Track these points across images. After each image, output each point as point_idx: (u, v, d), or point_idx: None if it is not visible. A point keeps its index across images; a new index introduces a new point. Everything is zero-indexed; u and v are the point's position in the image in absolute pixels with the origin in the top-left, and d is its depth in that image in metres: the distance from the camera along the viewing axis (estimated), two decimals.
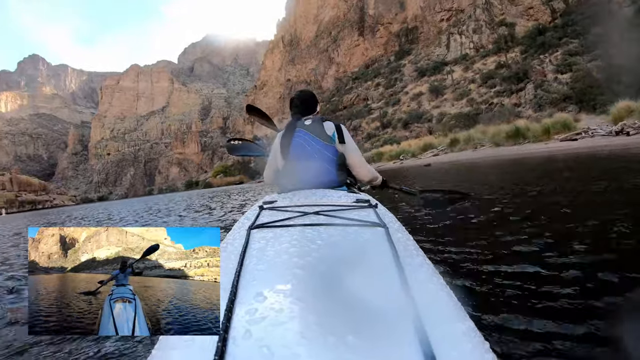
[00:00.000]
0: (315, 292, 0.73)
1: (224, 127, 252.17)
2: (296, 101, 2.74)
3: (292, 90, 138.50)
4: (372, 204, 1.50)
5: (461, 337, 0.62)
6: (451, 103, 52.12)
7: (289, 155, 2.40)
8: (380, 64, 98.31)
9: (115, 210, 19.13)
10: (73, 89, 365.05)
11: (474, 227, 4.42)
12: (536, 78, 40.59)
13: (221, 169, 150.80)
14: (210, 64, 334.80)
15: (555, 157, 14.02)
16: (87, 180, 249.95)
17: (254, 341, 0.57)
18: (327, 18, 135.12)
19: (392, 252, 0.91)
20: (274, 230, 1.16)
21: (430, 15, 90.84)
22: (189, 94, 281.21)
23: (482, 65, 59.25)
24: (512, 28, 64.24)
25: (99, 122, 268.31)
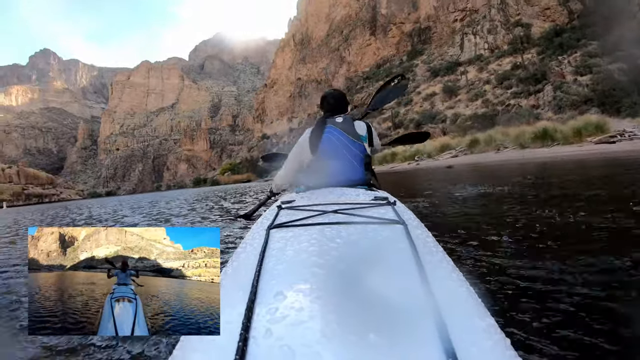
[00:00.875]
0: (335, 290, 0.73)
1: (234, 124, 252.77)
2: (329, 99, 2.76)
3: (303, 89, 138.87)
4: (390, 201, 1.50)
5: (482, 334, 0.61)
6: (465, 104, 51.41)
7: (318, 151, 2.39)
8: (392, 64, 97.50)
9: (127, 209, 17.88)
10: (84, 83, 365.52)
11: (496, 224, 4.21)
12: (555, 79, 39.63)
13: (229, 167, 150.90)
14: (220, 61, 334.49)
15: (593, 161, 12.99)
16: (95, 174, 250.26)
17: (275, 340, 0.57)
18: (338, 17, 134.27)
19: (412, 250, 0.91)
20: (293, 230, 1.16)
21: (443, 15, 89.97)
22: (199, 91, 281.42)
23: (497, 66, 58.51)
24: (528, 29, 63.50)
25: (109, 117, 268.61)
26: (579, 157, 15.41)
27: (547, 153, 19.06)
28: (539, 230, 3.69)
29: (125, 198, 41.00)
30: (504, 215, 4.63)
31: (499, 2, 72.02)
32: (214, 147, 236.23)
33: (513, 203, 5.48)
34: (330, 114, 2.65)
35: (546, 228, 3.74)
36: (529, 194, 6.71)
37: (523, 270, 2.55)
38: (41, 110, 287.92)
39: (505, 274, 2.54)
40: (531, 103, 38.71)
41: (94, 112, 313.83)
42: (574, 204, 4.79)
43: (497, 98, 46.54)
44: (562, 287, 2.18)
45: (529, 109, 36.53)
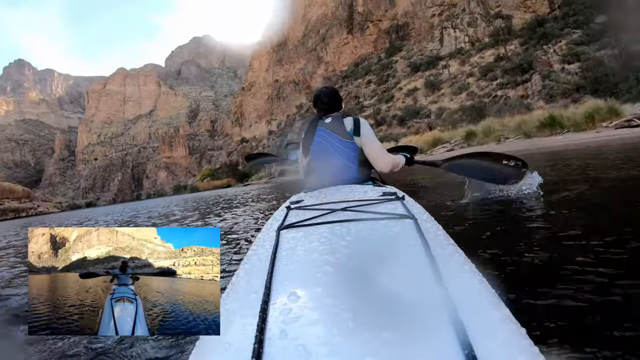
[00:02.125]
0: (348, 288, 0.73)
1: (212, 129, 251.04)
2: (323, 98, 2.76)
3: (280, 91, 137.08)
4: (399, 196, 1.51)
5: (497, 325, 0.61)
6: (450, 97, 50.23)
7: (310, 154, 2.51)
8: (370, 62, 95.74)
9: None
10: (60, 93, 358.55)
11: (510, 216, 4.05)
12: (542, 69, 38.73)
13: (208, 173, 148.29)
14: (197, 66, 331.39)
15: (622, 145, 11.49)
16: (74, 186, 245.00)
17: (290, 341, 0.57)
18: (314, 17, 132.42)
19: (423, 244, 0.90)
20: (303, 230, 1.17)
21: (421, 10, 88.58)
22: (177, 97, 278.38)
23: (479, 58, 57.41)
24: (508, 20, 62.39)
25: (86, 126, 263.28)
26: (600, 142, 13.77)
27: (560, 141, 17.15)
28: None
29: (101, 210, 39.56)
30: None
31: None
32: (193, 153, 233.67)
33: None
34: (324, 112, 2.69)
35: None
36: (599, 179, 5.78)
37: (538, 260, 2.49)
38: (17, 122, 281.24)
39: (518, 264, 2.47)
40: (519, 93, 37.79)
41: (71, 122, 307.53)
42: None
43: (483, 90, 45.57)
44: (582, 276, 2.08)
45: (517, 99, 35.57)
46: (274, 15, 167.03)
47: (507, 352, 0.56)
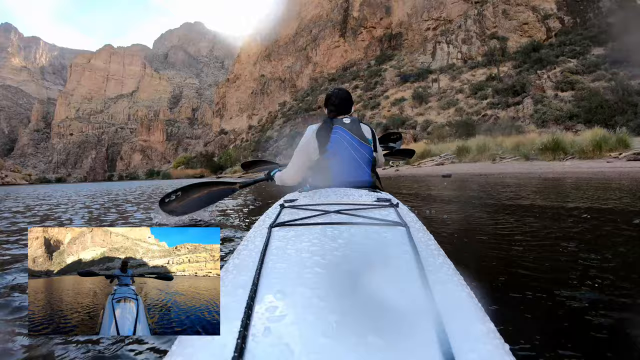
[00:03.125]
0: (336, 291, 0.73)
1: (193, 118, 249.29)
2: (334, 99, 2.71)
3: (265, 87, 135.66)
4: (393, 203, 1.53)
5: (481, 339, 0.61)
6: (437, 111, 49.29)
7: (327, 151, 2.44)
8: (359, 67, 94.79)
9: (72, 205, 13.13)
10: (43, 63, 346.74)
11: (501, 231, 4.17)
12: (535, 93, 38.14)
13: (183, 160, 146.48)
14: (185, 52, 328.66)
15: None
16: (47, 159, 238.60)
17: (274, 338, 0.57)
18: (309, 16, 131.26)
19: (413, 252, 0.91)
20: (295, 229, 1.18)
21: (416, 22, 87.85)
22: (160, 81, 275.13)
23: (470, 76, 56.94)
24: (504, 42, 62.31)
25: (65, 100, 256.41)
26: (618, 172, 12.55)
27: (565, 167, 15.68)
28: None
29: (69, 187, 37.79)
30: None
31: (475, 14, 70.46)
32: (170, 139, 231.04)
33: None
34: (335, 114, 2.66)
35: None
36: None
37: (525, 276, 2.56)
38: None
39: (506, 279, 2.56)
40: (510, 115, 36.83)
41: (51, 93, 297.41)
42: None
43: (472, 108, 44.77)
44: (567, 293, 2.18)
45: (508, 120, 34.81)
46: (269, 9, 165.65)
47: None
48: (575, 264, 2.84)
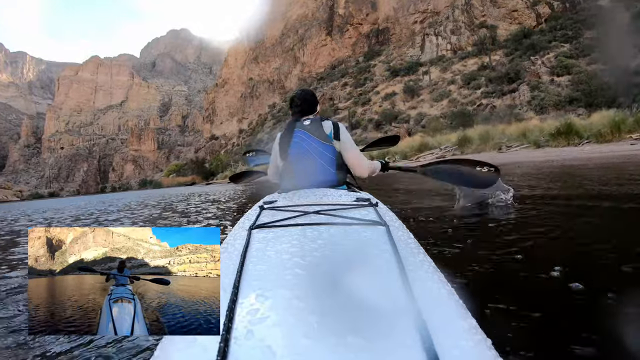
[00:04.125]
0: (317, 291, 0.73)
1: (183, 125, 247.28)
2: (297, 100, 2.75)
3: (254, 90, 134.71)
4: (372, 202, 1.53)
5: (463, 335, 0.61)
6: (429, 104, 48.38)
7: (288, 156, 2.49)
8: (347, 65, 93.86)
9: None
10: (30, 78, 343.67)
11: (484, 227, 4.07)
12: (530, 79, 37.32)
13: (174, 168, 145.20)
14: (172, 60, 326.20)
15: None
16: (38, 174, 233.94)
17: (256, 341, 0.57)
18: (294, 16, 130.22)
19: (393, 251, 0.92)
20: (275, 230, 1.19)
21: (403, 16, 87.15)
22: (149, 90, 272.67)
23: (461, 66, 55.92)
24: (493, 31, 61.32)
25: (54, 114, 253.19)
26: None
27: (586, 153, 14.25)
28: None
29: (61, 203, 37.26)
30: None
31: (463, 3, 69.64)
32: (161, 148, 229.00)
33: None
34: (300, 115, 2.67)
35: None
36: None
37: (505, 271, 2.55)
38: None
39: (486, 275, 2.52)
40: (507, 103, 36.02)
41: (40, 108, 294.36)
42: None
43: (465, 98, 43.89)
44: (547, 287, 2.17)
45: (505, 108, 33.95)
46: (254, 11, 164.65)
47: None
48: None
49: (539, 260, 2.66)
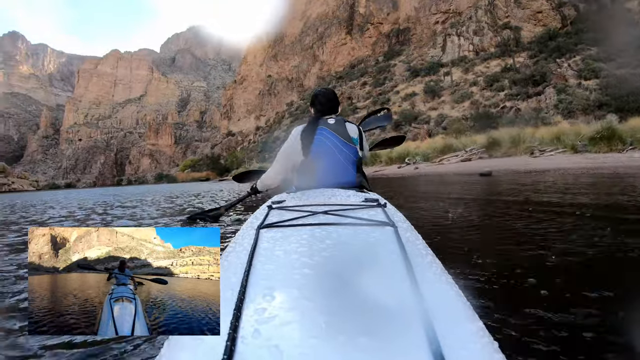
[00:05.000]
0: (324, 291, 0.74)
1: (201, 121, 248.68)
2: (321, 99, 2.72)
3: (273, 87, 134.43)
4: (381, 203, 1.52)
5: (470, 337, 0.61)
6: (451, 105, 47.29)
7: (310, 152, 2.43)
8: (367, 64, 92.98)
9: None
10: (51, 70, 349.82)
11: (489, 229, 4.22)
12: (557, 82, 36.03)
13: (190, 163, 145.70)
14: (192, 55, 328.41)
15: None
16: (56, 165, 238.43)
17: (263, 340, 0.57)
18: (314, 14, 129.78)
19: (401, 252, 0.91)
20: (283, 230, 1.18)
21: (424, 16, 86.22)
22: (168, 85, 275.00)
23: (484, 68, 54.87)
24: (517, 32, 60.03)
25: (73, 106, 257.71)
26: None
27: (633, 160, 12.92)
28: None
29: (74, 195, 36.86)
30: None
31: (486, 4, 68.23)
32: (178, 143, 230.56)
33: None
34: (321, 114, 2.64)
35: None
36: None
37: (514, 274, 2.54)
38: (5, 94, 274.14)
39: (494, 277, 2.48)
40: (532, 106, 34.75)
41: (60, 100, 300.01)
42: None
43: (488, 100, 42.67)
44: (554, 292, 2.17)
45: (530, 111, 32.75)
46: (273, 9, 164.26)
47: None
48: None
49: (551, 267, 2.61)
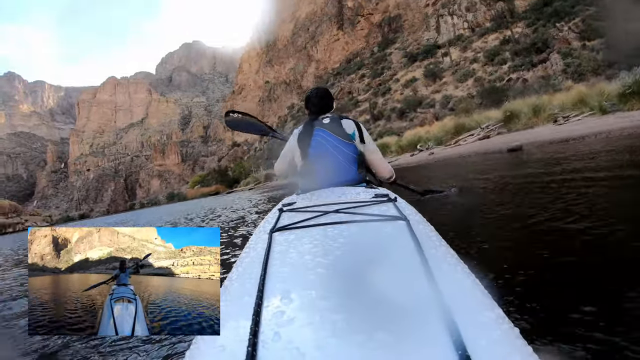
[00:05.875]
0: (341, 290, 0.73)
1: (205, 135, 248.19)
2: (313, 99, 2.76)
3: (272, 92, 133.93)
4: (391, 197, 1.53)
5: (491, 325, 0.61)
6: (454, 85, 46.18)
7: (309, 155, 2.49)
8: (363, 57, 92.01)
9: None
10: (51, 105, 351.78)
11: (503, 217, 3.94)
12: (560, 47, 34.72)
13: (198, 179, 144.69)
14: (188, 72, 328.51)
15: None
16: (67, 198, 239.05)
17: (284, 343, 0.57)
18: (303, 14, 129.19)
19: (415, 245, 0.91)
20: (295, 232, 1.18)
21: (414, 1, 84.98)
22: (168, 104, 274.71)
23: (482, 43, 53.77)
24: (510, 3, 58.74)
25: (77, 137, 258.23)
26: None
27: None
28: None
29: (93, 223, 36.53)
30: None
31: None
32: (185, 160, 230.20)
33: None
34: (316, 114, 2.67)
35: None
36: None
37: (532, 260, 2.48)
38: (9, 135, 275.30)
39: (511, 264, 2.46)
40: (539, 74, 33.38)
41: (63, 133, 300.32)
42: None
43: (491, 75, 41.57)
44: (573, 277, 2.14)
45: (538, 80, 31.26)
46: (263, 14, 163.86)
47: (500, 352, 0.56)
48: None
49: (567, 251, 2.52)
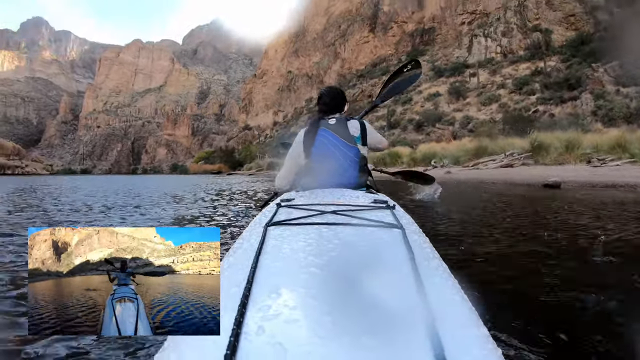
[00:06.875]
0: (330, 291, 0.74)
1: (220, 114, 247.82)
2: (325, 98, 2.70)
3: (292, 83, 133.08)
4: (389, 205, 1.52)
5: (474, 343, 0.62)
6: (477, 107, 45.51)
7: (311, 154, 2.44)
8: (389, 63, 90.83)
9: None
10: (73, 56, 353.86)
11: (496, 235, 4.23)
12: (593, 87, 33.96)
13: (204, 155, 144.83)
14: (214, 48, 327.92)
15: None
16: (73, 151, 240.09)
17: (267, 337, 0.57)
18: (337, 11, 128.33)
19: (409, 254, 0.91)
20: (291, 228, 1.19)
21: (450, 16, 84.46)
22: (189, 76, 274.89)
23: (512, 70, 53.13)
24: (547, 35, 57.80)
25: (93, 93, 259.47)
26: None
27: None
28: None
29: (88, 181, 36.24)
30: None
31: (516, 5, 66.46)
32: (196, 134, 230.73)
33: None
34: (325, 113, 2.62)
35: None
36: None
37: (520, 282, 2.63)
38: (27, 79, 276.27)
39: (500, 284, 2.61)
40: (567, 111, 32.58)
41: (81, 86, 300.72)
42: None
43: (517, 104, 40.82)
44: (560, 300, 2.25)
45: (566, 117, 30.40)
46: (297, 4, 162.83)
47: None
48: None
49: (554, 269, 2.70)
